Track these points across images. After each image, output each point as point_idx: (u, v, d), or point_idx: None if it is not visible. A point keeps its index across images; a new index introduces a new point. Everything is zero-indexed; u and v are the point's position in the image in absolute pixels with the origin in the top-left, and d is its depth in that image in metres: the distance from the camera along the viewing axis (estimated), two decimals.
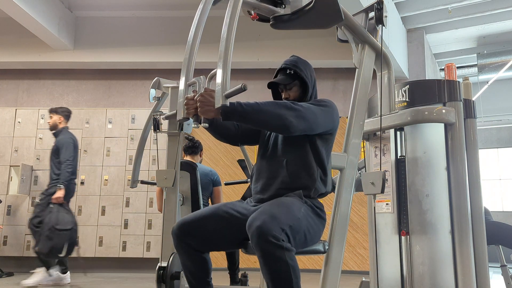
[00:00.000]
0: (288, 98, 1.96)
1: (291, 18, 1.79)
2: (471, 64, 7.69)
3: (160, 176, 2.62)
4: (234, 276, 3.68)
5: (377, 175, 1.81)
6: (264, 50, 5.97)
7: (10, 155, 5.75)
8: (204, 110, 1.61)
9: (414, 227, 2.34)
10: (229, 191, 5.98)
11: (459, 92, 2.41)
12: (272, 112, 1.65)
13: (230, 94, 1.48)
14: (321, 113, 1.79)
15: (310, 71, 1.99)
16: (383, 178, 1.79)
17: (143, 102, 6.53)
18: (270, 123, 1.66)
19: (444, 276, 2.27)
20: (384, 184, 1.79)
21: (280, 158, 1.87)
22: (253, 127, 1.82)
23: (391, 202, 2.43)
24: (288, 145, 1.87)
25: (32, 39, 5.99)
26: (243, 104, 1.61)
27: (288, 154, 1.86)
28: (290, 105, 1.71)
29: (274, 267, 1.49)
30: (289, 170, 1.83)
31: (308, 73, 1.96)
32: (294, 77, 1.94)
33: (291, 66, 1.95)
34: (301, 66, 1.96)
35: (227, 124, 2.00)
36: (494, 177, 8.91)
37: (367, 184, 1.84)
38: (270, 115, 1.64)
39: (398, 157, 2.36)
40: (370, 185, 1.83)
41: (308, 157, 1.84)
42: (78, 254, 5.21)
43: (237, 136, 2.05)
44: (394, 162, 2.39)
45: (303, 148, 1.85)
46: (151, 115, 3.02)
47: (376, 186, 1.80)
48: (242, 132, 2.04)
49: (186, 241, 1.76)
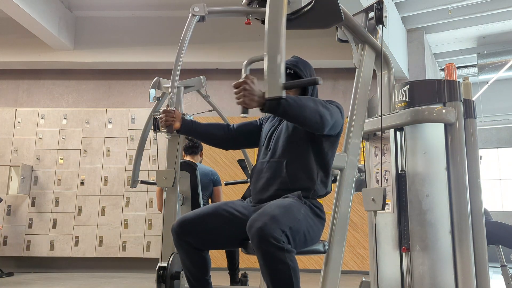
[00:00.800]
0: None
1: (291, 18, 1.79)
2: (471, 64, 7.69)
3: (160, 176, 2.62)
4: (234, 276, 3.68)
5: (377, 192, 1.79)
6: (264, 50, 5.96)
7: (10, 155, 5.75)
8: (249, 99, 1.49)
9: (414, 227, 2.34)
10: (229, 191, 5.98)
11: (459, 92, 2.41)
12: (313, 108, 1.63)
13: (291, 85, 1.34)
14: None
15: (310, 71, 2.00)
16: (383, 195, 1.76)
17: (143, 102, 6.53)
18: (309, 119, 1.62)
19: (444, 276, 2.26)
20: (384, 201, 1.77)
21: (280, 159, 1.87)
22: (289, 121, 1.70)
23: (391, 202, 2.43)
24: (289, 146, 1.88)
25: (32, 39, 5.99)
26: (288, 98, 1.51)
27: (289, 155, 1.86)
28: (324, 103, 1.74)
29: (275, 268, 1.49)
30: (289, 171, 1.83)
31: (308, 73, 1.97)
32: (294, 77, 1.95)
33: (291, 66, 1.95)
34: (301, 66, 1.97)
35: (211, 130, 2.02)
36: (494, 177, 8.91)
37: (367, 201, 1.82)
38: (311, 112, 1.62)
39: (399, 171, 2.36)
40: (370, 201, 1.81)
41: (309, 158, 1.84)
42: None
43: (227, 141, 2.06)
44: (395, 176, 2.38)
45: (304, 149, 1.85)
46: (151, 115, 3.02)
47: (377, 202, 1.77)
48: (234, 137, 2.05)
49: (185, 239, 1.76)
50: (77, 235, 5.54)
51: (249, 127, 2.09)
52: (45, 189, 5.65)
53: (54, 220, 5.57)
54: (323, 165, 1.86)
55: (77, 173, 5.70)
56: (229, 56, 6.04)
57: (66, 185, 5.66)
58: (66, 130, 5.81)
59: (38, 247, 5.50)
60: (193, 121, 2.04)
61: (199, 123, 2.04)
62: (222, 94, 6.51)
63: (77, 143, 5.78)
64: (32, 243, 5.50)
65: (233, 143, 2.09)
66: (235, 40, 6.07)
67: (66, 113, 5.86)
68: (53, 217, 5.57)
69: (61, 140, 5.78)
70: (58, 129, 5.82)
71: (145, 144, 3.24)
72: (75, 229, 5.56)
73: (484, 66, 7.15)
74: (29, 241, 5.50)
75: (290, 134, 1.89)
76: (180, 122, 1.96)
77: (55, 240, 5.51)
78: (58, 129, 5.82)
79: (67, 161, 5.72)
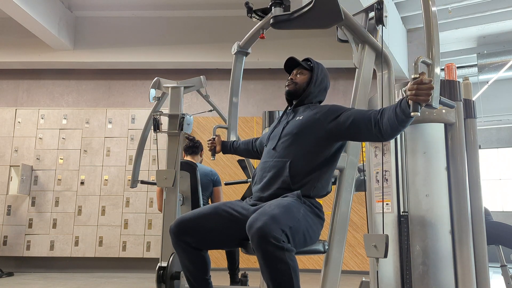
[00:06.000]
0: (293, 80, 2.07)
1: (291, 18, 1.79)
2: (471, 64, 7.68)
3: (160, 176, 2.62)
4: (234, 276, 3.68)
5: (379, 238, 1.70)
6: (264, 50, 5.97)
7: (10, 155, 5.75)
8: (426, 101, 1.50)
9: (414, 227, 2.34)
10: (229, 191, 5.98)
11: (459, 92, 2.41)
12: None
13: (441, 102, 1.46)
14: None
15: (322, 76, 2.09)
16: (386, 242, 1.68)
17: (143, 102, 6.53)
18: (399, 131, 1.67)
19: (444, 276, 2.26)
20: (387, 249, 1.67)
21: (284, 158, 1.88)
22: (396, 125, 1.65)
23: (391, 202, 2.43)
24: (295, 147, 1.89)
25: (32, 39, 6.00)
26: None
27: (293, 155, 1.87)
28: None
29: (275, 268, 1.49)
30: (292, 171, 1.84)
31: (319, 77, 2.07)
32: (309, 69, 2.08)
33: (312, 62, 2.10)
34: (319, 67, 2.09)
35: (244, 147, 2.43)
36: (494, 177, 8.91)
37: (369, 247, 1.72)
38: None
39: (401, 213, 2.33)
40: (372, 247, 1.71)
41: (313, 160, 1.85)
42: None
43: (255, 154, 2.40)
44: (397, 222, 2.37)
45: (309, 150, 1.86)
46: (151, 115, 3.02)
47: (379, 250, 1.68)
48: (257, 150, 2.37)
49: (183, 239, 1.76)
50: (77, 235, 5.54)
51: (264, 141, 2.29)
52: (45, 189, 5.65)
53: (54, 220, 5.57)
54: (329, 166, 1.88)
55: (77, 173, 5.70)
56: (229, 56, 6.00)
57: (66, 185, 5.66)
58: (66, 130, 5.81)
59: (38, 247, 5.49)
60: (232, 142, 2.50)
61: (235, 143, 2.49)
62: (222, 94, 6.51)
63: (77, 143, 5.78)
64: (32, 243, 5.50)
65: (260, 155, 2.36)
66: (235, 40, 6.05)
67: (66, 113, 5.86)
68: (53, 217, 5.57)
69: (61, 140, 5.78)
70: (58, 129, 5.82)
71: (145, 144, 3.25)
72: (75, 229, 5.56)
73: (484, 66, 7.15)
74: (29, 241, 5.50)
75: (298, 135, 1.91)
76: (220, 146, 2.46)
77: (55, 240, 5.51)
78: (58, 129, 5.82)
79: (67, 161, 5.72)
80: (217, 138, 2.48)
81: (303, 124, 1.91)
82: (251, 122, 6.24)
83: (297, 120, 1.95)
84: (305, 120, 1.92)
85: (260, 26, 2.26)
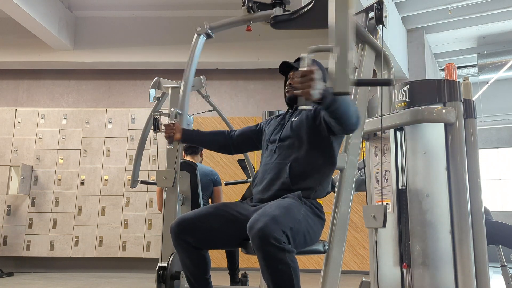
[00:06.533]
0: (292, 85, 2.02)
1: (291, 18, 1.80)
2: (471, 64, 7.69)
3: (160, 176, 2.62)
4: (234, 276, 3.68)
5: (378, 209, 1.75)
6: (264, 50, 5.97)
7: (10, 155, 5.75)
8: (313, 91, 1.37)
9: (414, 227, 2.34)
10: (229, 191, 5.98)
11: (459, 92, 2.41)
12: (354, 108, 1.60)
13: (362, 83, 1.31)
14: None
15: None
16: (384, 213, 1.72)
17: (143, 102, 6.53)
18: (351, 119, 1.59)
19: (444, 276, 2.26)
20: (386, 218, 1.71)
21: (284, 160, 1.88)
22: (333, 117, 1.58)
23: (391, 202, 2.43)
24: (295, 148, 1.90)
25: (32, 39, 6.00)
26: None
27: (293, 157, 1.88)
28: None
29: (275, 268, 1.49)
30: (292, 173, 1.84)
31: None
32: None
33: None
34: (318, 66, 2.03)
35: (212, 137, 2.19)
36: (494, 177, 8.91)
37: (368, 217, 1.78)
38: (353, 111, 1.59)
39: (400, 187, 2.36)
40: (371, 218, 1.77)
41: (313, 161, 1.85)
42: None
43: (228, 147, 2.20)
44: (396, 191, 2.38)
45: (308, 152, 1.87)
46: (151, 115, 3.02)
47: (377, 220, 1.73)
48: (235, 143, 2.19)
49: (184, 239, 1.76)
50: (77, 235, 5.54)
51: (249, 134, 2.19)
52: (45, 189, 5.65)
53: (54, 220, 5.57)
54: (329, 166, 1.87)
55: (77, 173, 5.70)
56: (229, 56, 6.04)
57: (66, 185, 5.66)
58: (66, 130, 5.81)
59: (38, 247, 5.49)
60: (195, 130, 2.22)
61: (200, 131, 2.22)
62: (222, 94, 6.52)
63: (77, 143, 5.78)
64: (32, 243, 5.50)
65: (235, 149, 2.22)
66: (235, 40, 6.06)
67: (66, 113, 5.86)
68: (53, 217, 5.57)
69: (61, 140, 5.78)
70: (58, 129, 5.82)
71: (145, 144, 3.24)
72: (75, 229, 5.55)
73: (484, 66, 7.15)
74: (29, 241, 5.50)
75: (297, 136, 1.91)
76: (180, 133, 2.15)
77: (55, 240, 5.51)
78: (58, 129, 5.82)
79: (67, 161, 5.72)
80: (177, 124, 2.16)
81: (300, 125, 1.92)
82: (251, 122, 6.24)
83: (296, 122, 1.96)
84: (302, 121, 1.93)
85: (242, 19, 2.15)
